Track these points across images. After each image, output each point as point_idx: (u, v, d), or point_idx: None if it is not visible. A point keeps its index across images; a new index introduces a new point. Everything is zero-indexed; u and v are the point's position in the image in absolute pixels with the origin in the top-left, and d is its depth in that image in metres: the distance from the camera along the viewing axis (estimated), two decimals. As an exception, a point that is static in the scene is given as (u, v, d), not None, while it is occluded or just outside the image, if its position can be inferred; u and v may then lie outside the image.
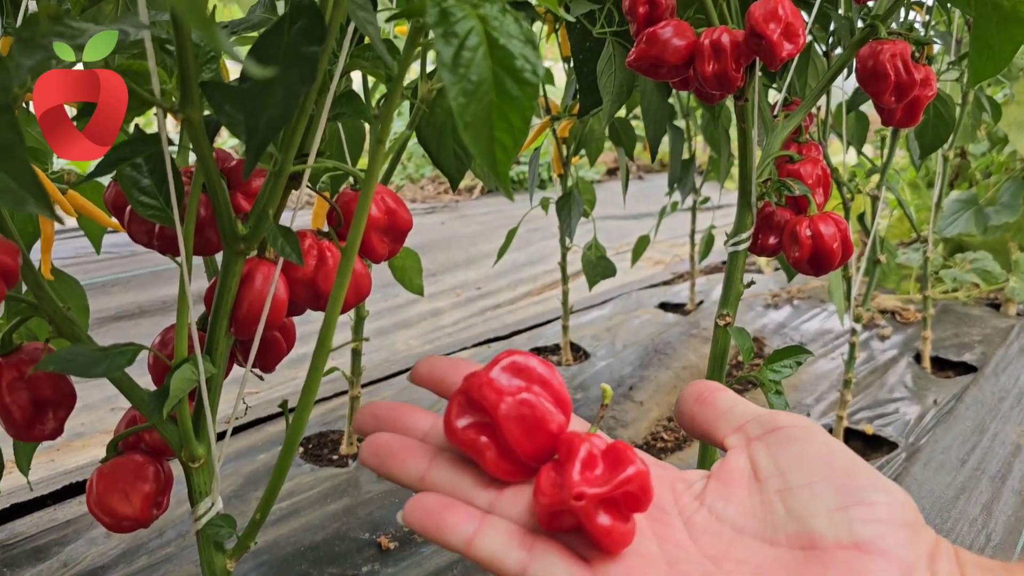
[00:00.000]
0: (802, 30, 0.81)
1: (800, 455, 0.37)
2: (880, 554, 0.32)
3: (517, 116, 0.44)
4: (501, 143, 0.44)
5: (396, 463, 0.38)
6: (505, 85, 0.43)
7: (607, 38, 1.09)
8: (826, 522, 0.34)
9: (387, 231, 0.70)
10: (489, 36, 0.43)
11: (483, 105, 0.42)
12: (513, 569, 0.33)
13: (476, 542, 0.34)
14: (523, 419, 0.36)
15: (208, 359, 0.65)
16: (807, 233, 0.90)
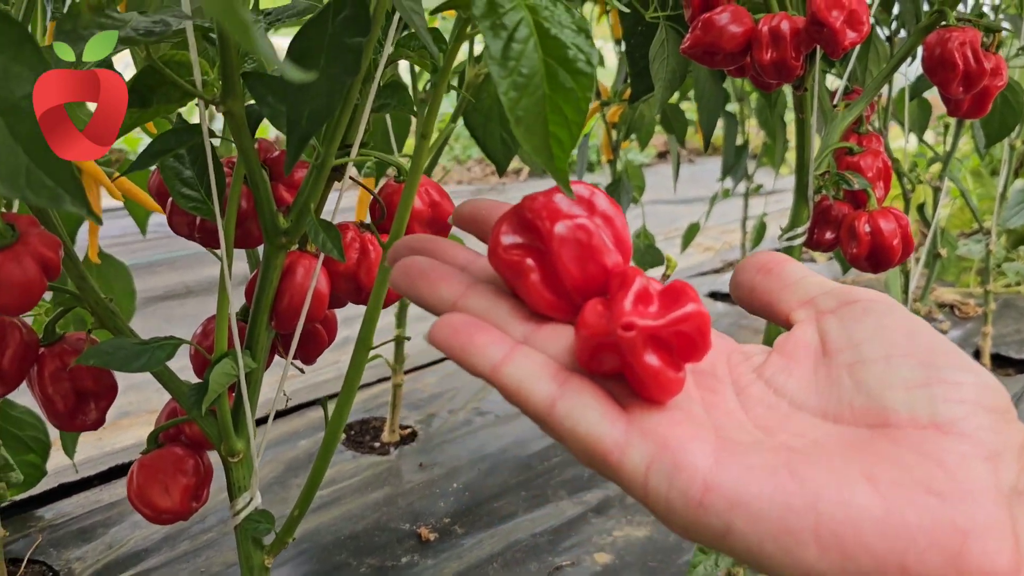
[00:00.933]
0: (866, 17, 0.78)
1: (878, 327, 0.32)
2: (962, 436, 0.28)
3: (572, 108, 0.41)
4: (556, 137, 0.41)
5: (427, 285, 0.34)
6: (558, 77, 0.41)
7: (660, 22, 1.05)
8: (902, 397, 0.30)
9: (431, 223, 0.69)
10: (539, 26, 0.41)
11: (535, 99, 0.40)
12: (541, 401, 0.29)
13: (504, 367, 0.30)
14: (578, 246, 0.32)
15: (248, 353, 0.64)
16: (866, 229, 0.86)
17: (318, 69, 0.50)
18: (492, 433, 1.40)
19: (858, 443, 0.29)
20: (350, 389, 0.61)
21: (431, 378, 1.64)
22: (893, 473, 0.27)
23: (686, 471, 0.27)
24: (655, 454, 0.28)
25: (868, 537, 0.26)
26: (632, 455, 0.28)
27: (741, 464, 0.28)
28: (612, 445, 0.28)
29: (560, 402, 0.29)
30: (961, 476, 0.27)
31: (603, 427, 0.29)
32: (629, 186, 1.49)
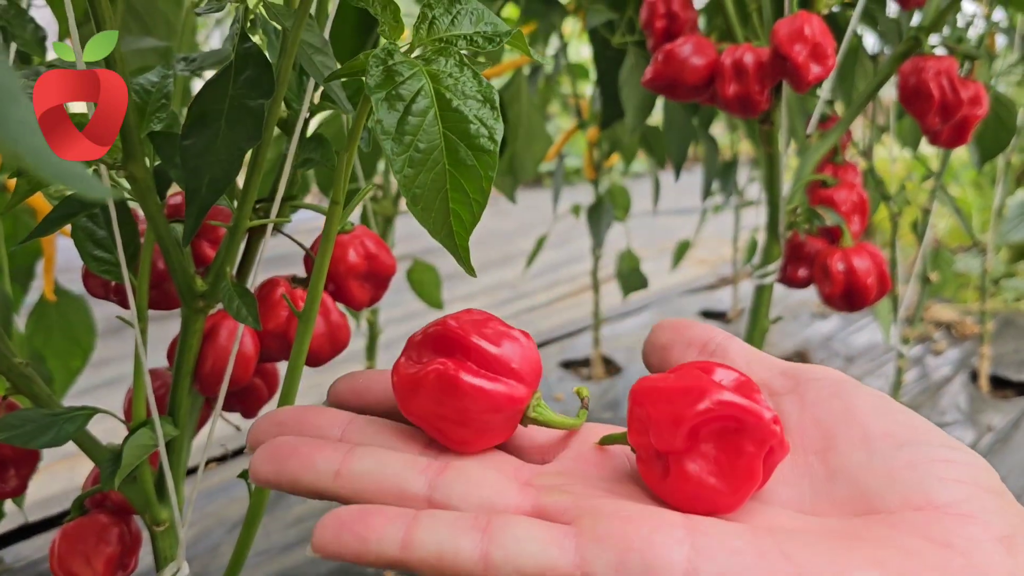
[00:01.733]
0: (832, 50, 0.74)
1: (847, 409, 0.30)
2: (968, 517, 0.25)
3: (474, 187, 0.38)
4: (457, 215, 0.38)
5: (300, 463, 0.29)
6: (459, 153, 0.38)
7: (628, 48, 1.02)
8: (889, 480, 0.27)
9: (367, 277, 0.66)
10: (441, 97, 0.38)
11: (433, 175, 0.37)
12: (471, 556, 0.25)
13: (414, 538, 0.26)
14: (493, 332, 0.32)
15: (169, 420, 0.61)
16: (839, 267, 0.83)
17: (218, 134, 0.47)
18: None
19: (851, 531, 0.26)
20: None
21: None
22: (900, 557, 0.24)
23: (662, 568, 0.24)
24: (619, 559, 0.24)
25: None
26: (595, 570, 0.24)
27: (724, 548, 0.24)
28: (569, 568, 0.25)
29: (493, 548, 0.25)
30: (978, 560, 0.24)
31: (551, 552, 0.25)
32: (610, 207, 1.46)
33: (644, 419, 0.29)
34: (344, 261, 0.64)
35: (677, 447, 0.28)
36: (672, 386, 0.29)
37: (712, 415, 0.28)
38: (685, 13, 0.84)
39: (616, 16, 0.99)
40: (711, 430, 0.28)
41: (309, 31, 0.49)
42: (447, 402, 0.31)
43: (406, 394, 0.32)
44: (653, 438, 0.29)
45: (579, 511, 0.27)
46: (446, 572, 0.25)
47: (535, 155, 1.29)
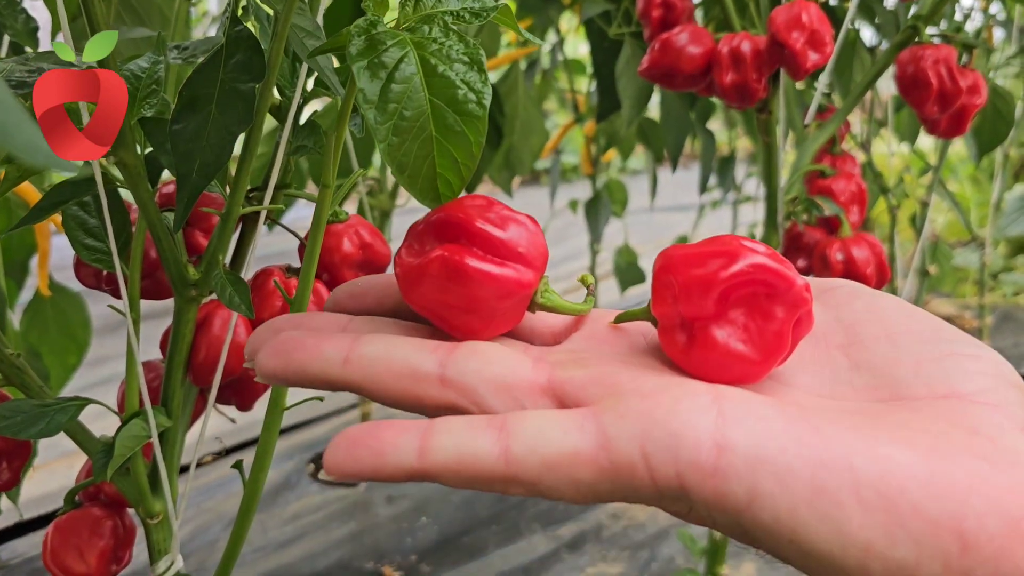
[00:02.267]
0: (829, 37, 0.74)
1: (871, 309, 0.29)
2: (993, 407, 0.25)
3: (463, 152, 0.37)
4: (444, 179, 0.37)
5: (307, 353, 0.29)
6: (447, 120, 0.36)
7: (625, 39, 1.01)
8: (914, 371, 0.26)
9: (362, 266, 0.65)
10: (426, 63, 0.37)
11: (420, 142, 0.36)
12: (490, 455, 0.24)
13: (431, 444, 0.24)
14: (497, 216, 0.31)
15: (162, 411, 0.60)
16: (838, 257, 0.82)
17: (208, 118, 0.47)
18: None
19: (875, 412, 0.25)
20: (265, 454, 0.57)
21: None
22: (928, 437, 0.23)
23: (690, 436, 0.23)
24: (645, 431, 0.23)
25: (916, 497, 0.21)
26: (619, 446, 0.23)
27: (752, 415, 0.23)
28: (594, 448, 0.24)
29: (513, 442, 0.24)
30: (1004, 445, 0.23)
31: (573, 437, 0.24)
32: (608, 203, 1.45)
33: (671, 286, 0.29)
34: (338, 250, 0.64)
35: (706, 312, 0.27)
36: (703, 251, 0.28)
37: (745, 278, 0.27)
38: (682, 2, 0.84)
39: (612, 7, 0.98)
40: (742, 295, 0.27)
41: (300, 15, 0.49)
42: (453, 289, 0.30)
43: (410, 284, 0.31)
44: (681, 305, 0.28)
45: (597, 388, 0.26)
46: (467, 475, 0.24)
47: (532, 149, 1.28)
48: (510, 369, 0.28)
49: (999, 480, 0.22)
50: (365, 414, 1.30)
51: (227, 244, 0.55)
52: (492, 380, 0.27)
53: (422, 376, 0.28)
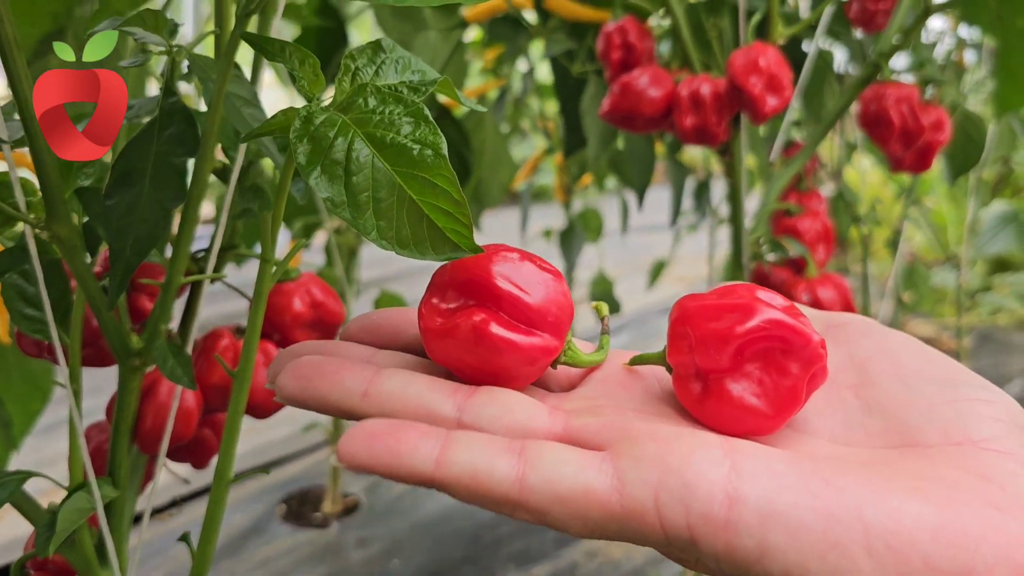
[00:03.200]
0: (788, 81, 0.73)
1: (882, 347, 0.29)
2: (1006, 454, 0.25)
3: (447, 200, 0.35)
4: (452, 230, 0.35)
5: (327, 381, 0.29)
6: (417, 182, 0.35)
7: (589, 76, 1.01)
8: (927, 416, 0.26)
9: (314, 326, 0.64)
10: (374, 140, 0.35)
11: (407, 212, 0.34)
12: (506, 478, 0.25)
13: (448, 458, 0.25)
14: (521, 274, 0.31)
15: (108, 481, 0.58)
16: (804, 298, 0.82)
17: (142, 193, 0.46)
18: (439, 501, 1.34)
19: (887, 461, 0.25)
20: (211, 529, 0.55)
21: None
22: (940, 486, 0.23)
23: (702, 487, 0.23)
24: (659, 480, 0.24)
25: (926, 548, 0.22)
26: (632, 492, 0.24)
27: (764, 469, 0.23)
28: (607, 489, 0.24)
29: (529, 470, 0.24)
30: (1016, 492, 0.23)
31: (588, 475, 0.24)
32: (582, 232, 1.45)
33: (687, 337, 0.29)
34: (289, 310, 0.63)
35: (721, 366, 0.28)
36: (720, 304, 0.29)
37: (761, 334, 0.27)
38: (642, 43, 0.83)
39: (576, 45, 0.98)
40: (757, 349, 0.28)
41: (237, 83, 0.48)
42: (478, 353, 0.30)
43: (434, 340, 0.31)
44: (697, 356, 0.28)
45: (613, 434, 0.26)
46: (479, 493, 0.25)
47: (501, 181, 1.28)
48: (527, 416, 0.28)
49: (1009, 528, 0.22)
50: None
51: (169, 313, 0.54)
52: (509, 428, 0.28)
53: (439, 418, 0.28)
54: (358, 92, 0.38)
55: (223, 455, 0.56)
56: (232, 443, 0.55)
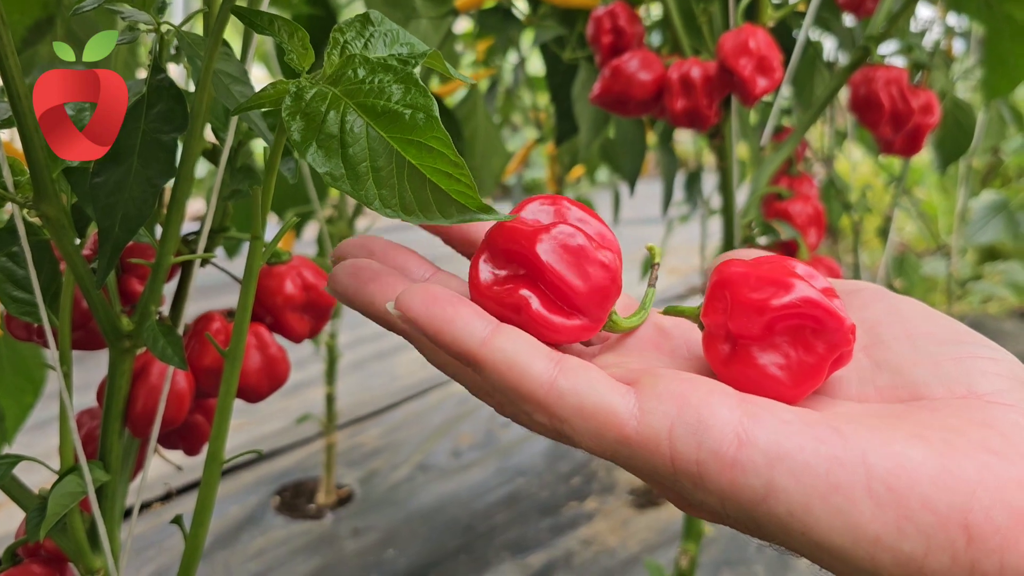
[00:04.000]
0: (778, 63, 0.73)
1: (892, 311, 0.31)
2: (1009, 407, 0.26)
3: (446, 162, 0.35)
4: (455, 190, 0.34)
5: (380, 285, 0.31)
6: (413, 147, 0.35)
7: (580, 63, 1.01)
8: (934, 372, 0.28)
9: (306, 308, 0.64)
10: (366, 110, 0.35)
11: (407, 178, 0.34)
12: (539, 376, 0.26)
13: (494, 341, 0.27)
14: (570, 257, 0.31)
15: (99, 465, 0.58)
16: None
17: (130, 171, 0.45)
18: (434, 491, 1.34)
19: (893, 413, 0.27)
20: (203, 511, 0.55)
21: (375, 430, 1.59)
22: (942, 434, 0.24)
23: (715, 426, 0.25)
24: (676, 413, 0.25)
25: (926, 491, 0.23)
26: (650, 420, 0.25)
27: (774, 417, 0.25)
28: (627, 414, 0.26)
29: (561, 378, 0.26)
30: (1017, 440, 0.24)
31: (614, 397, 0.26)
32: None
33: (724, 300, 0.30)
34: (281, 293, 0.62)
35: (752, 334, 0.28)
36: (761, 274, 0.29)
37: (795, 311, 0.28)
38: (632, 27, 0.83)
39: (566, 32, 0.97)
40: (790, 325, 0.28)
41: (226, 60, 0.47)
42: (517, 321, 0.30)
43: (479, 296, 0.31)
44: (730, 321, 0.29)
45: (639, 374, 0.27)
46: (510, 383, 0.26)
47: (493, 170, 1.27)
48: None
49: (1007, 473, 0.23)
50: (331, 444, 1.28)
51: (159, 294, 0.54)
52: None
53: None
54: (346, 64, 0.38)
55: (215, 436, 0.56)
56: (224, 423, 0.55)
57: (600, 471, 1.48)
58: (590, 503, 1.37)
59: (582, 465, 1.49)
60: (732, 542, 1.25)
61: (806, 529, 0.23)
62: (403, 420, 1.61)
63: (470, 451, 1.53)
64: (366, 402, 1.67)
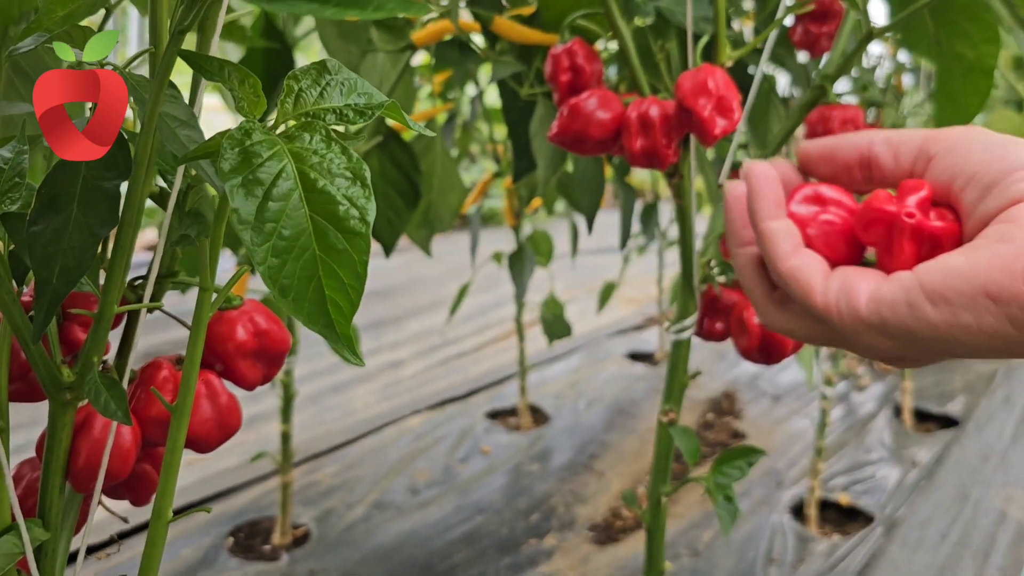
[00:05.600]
0: (737, 103, 0.73)
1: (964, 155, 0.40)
2: None
3: (348, 273, 0.35)
4: (335, 303, 0.35)
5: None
6: (328, 237, 0.34)
7: (538, 99, 1.00)
8: (990, 200, 0.37)
9: (259, 355, 0.62)
10: (305, 178, 0.35)
11: (303, 263, 0.34)
12: (784, 251, 0.41)
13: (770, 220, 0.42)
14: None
15: (38, 524, 0.55)
16: (755, 320, 0.81)
17: (70, 219, 0.43)
18: (391, 530, 1.32)
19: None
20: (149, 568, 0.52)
21: (331, 467, 1.55)
22: (980, 240, 0.36)
23: (856, 296, 0.38)
24: (839, 290, 0.39)
25: (957, 283, 0.35)
26: (828, 294, 0.39)
27: (887, 289, 0.37)
28: (820, 289, 0.39)
29: (794, 259, 0.40)
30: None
31: (817, 280, 0.40)
32: (531, 255, 1.44)
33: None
34: (232, 339, 0.60)
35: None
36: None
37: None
38: (590, 66, 0.83)
39: (524, 68, 0.97)
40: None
41: (173, 103, 0.46)
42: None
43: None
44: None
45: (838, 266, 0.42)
46: (769, 247, 0.42)
47: (451, 205, 1.26)
48: None
49: (1009, 251, 0.34)
50: (287, 483, 1.25)
51: (103, 344, 0.51)
52: None
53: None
54: (307, 127, 0.37)
55: (161, 493, 0.54)
56: (170, 481, 0.53)
57: (559, 507, 1.46)
58: (549, 539, 1.35)
59: (541, 501, 1.48)
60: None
61: (904, 339, 0.37)
62: (360, 456, 1.58)
63: (428, 488, 1.51)
64: (322, 437, 1.64)
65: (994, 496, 1.51)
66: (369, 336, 2.47)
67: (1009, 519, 1.42)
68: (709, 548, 1.33)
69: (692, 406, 1.93)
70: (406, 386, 2.07)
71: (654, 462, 0.86)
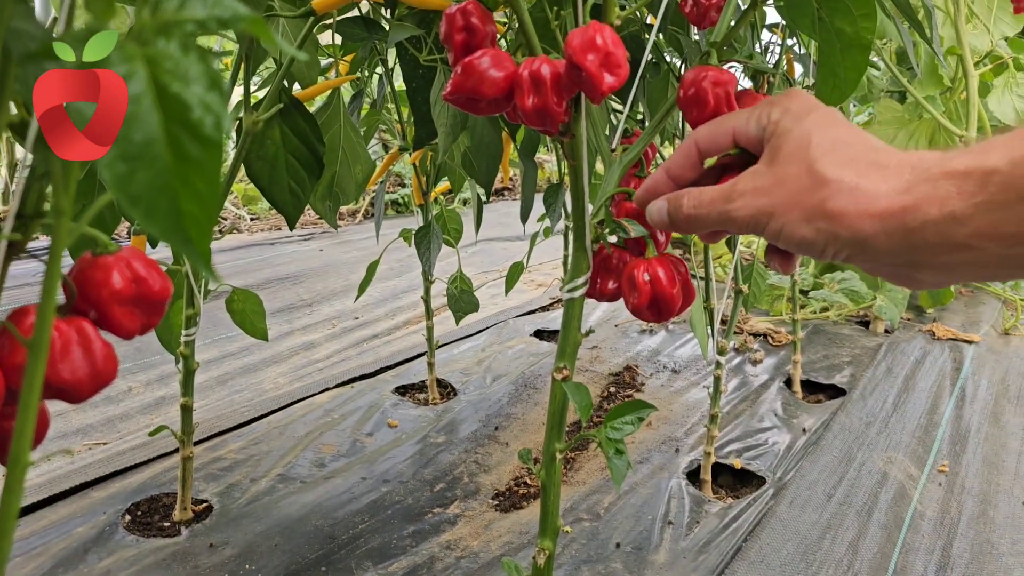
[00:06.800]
0: (624, 59, 0.75)
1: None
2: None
3: (203, 181, 0.34)
4: (191, 216, 0.34)
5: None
6: (183, 145, 0.34)
7: (438, 65, 1.01)
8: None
9: (136, 302, 0.60)
10: (158, 82, 0.34)
11: (155, 172, 0.33)
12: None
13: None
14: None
15: None
16: (645, 278, 0.83)
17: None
18: (295, 501, 1.30)
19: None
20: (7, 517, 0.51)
21: (236, 443, 1.52)
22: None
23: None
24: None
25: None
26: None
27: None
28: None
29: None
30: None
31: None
32: (439, 232, 1.44)
33: None
34: (107, 285, 0.59)
35: None
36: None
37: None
38: (484, 26, 0.83)
39: (422, 32, 0.97)
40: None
41: (24, 19, 0.44)
42: None
43: None
44: None
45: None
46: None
47: (356, 178, 1.25)
48: None
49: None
50: (187, 457, 1.22)
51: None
52: None
53: None
54: (163, 31, 0.37)
55: (18, 435, 0.52)
56: (28, 422, 0.51)
57: (464, 477, 1.47)
58: (454, 508, 1.36)
59: (447, 471, 1.48)
60: (592, 541, 1.27)
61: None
62: (266, 432, 1.55)
63: (334, 461, 1.49)
64: (227, 415, 1.60)
65: (877, 459, 1.58)
66: (281, 319, 2.43)
67: (890, 480, 1.50)
68: (608, 512, 1.36)
69: (595, 379, 1.97)
70: (318, 367, 2.05)
71: (548, 419, 0.88)
